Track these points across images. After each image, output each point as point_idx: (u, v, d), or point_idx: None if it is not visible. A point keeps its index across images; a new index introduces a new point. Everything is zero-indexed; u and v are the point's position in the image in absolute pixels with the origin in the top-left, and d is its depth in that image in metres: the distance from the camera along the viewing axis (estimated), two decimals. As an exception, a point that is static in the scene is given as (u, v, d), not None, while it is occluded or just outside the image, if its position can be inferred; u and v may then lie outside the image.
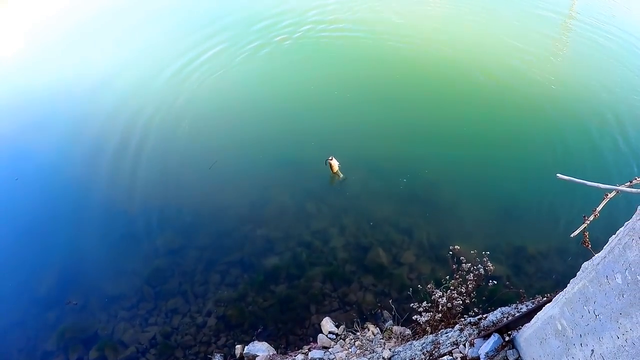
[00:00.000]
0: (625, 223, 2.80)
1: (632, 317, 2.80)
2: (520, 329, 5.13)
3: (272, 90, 14.96)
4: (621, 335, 2.96)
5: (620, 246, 2.78)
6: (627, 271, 2.74)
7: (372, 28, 18.22)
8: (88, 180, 11.93)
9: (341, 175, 11.63)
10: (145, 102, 14.36)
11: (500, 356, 5.25)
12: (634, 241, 2.64)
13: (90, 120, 13.72)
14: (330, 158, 11.30)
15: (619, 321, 2.94)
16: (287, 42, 17.34)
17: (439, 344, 6.48)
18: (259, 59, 16.40)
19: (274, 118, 13.70)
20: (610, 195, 3.68)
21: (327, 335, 8.65)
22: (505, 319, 6.10)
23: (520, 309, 6.49)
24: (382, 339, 8.12)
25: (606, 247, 2.99)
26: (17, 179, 11.87)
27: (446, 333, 6.73)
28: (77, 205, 11.37)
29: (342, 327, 8.85)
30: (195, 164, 12.27)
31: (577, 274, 3.43)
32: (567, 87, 15.09)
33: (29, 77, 16.01)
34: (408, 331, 8.08)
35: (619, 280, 2.85)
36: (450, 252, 8.15)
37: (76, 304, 9.55)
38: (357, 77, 15.47)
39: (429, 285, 7.85)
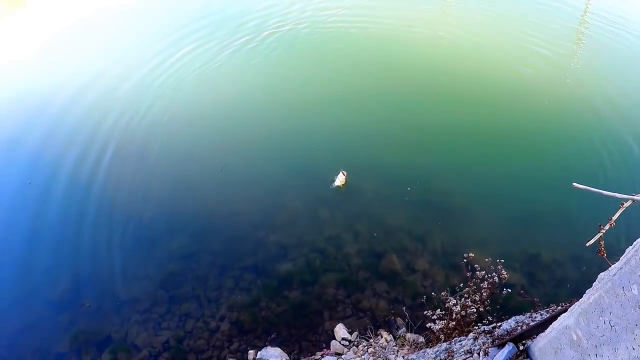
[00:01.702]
0: (642, 234, 2.79)
1: (648, 329, 2.78)
2: (534, 338, 5.09)
3: (279, 93, 15.05)
4: (637, 346, 2.94)
5: (637, 257, 2.76)
6: (643, 282, 2.73)
7: (379, 25, 18.26)
8: (102, 184, 12.00)
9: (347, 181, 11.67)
10: (154, 105, 14.46)
11: (514, 365, 5.22)
12: (651, 252, 2.63)
13: (102, 124, 13.79)
14: (343, 181, 11.46)
15: (635, 332, 2.92)
16: (288, 41, 17.52)
17: (453, 352, 6.46)
18: (263, 61, 16.55)
19: (283, 122, 13.78)
20: (626, 205, 3.67)
21: (340, 342, 8.66)
22: (519, 327, 6.06)
23: (535, 317, 6.44)
24: (396, 346, 8.11)
25: (623, 258, 2.98)
26: (29, 183, 11.97)
27: (460, 341, 6.70)
28: (91, 208, 11.43)
29: (355, 333, 8.85)
30: (208, 168, 12.31)
31: (593, 284, 3.41)
32: (587, 90, 15.01)
33: (38, 78, 16.07)
34: (421, 339, 8.06)
35: (636, 292, 2.83)
36: (464, 260, 8.12)
37: (89, 306, 9.62)
38: (365, 78, 15.53)
39: (442, 293, 7.81)
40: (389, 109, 14.12)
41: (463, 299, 7.54)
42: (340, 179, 11.47)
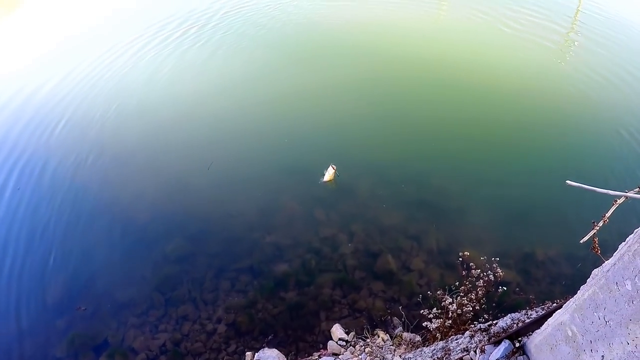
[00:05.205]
0: (635, 230, 2.82)
1: (642, 324, 2.81)
2: (530, 335, 5.12)
3: (272, 92, 15.12)
4: (631, 341, 2.97)
5: (630, 253, 2.80)
6: (636, 278, 2.76)
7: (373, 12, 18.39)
8: (97, 187, 11.99)
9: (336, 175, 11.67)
10: (151, 104, 14.56)
11: (510, 362, 5.25)
12: (643, 248, 2.66)
13: (94, 125, 13.84)
14: (331, 175, 11.46)
15: (629, 327, 2.95)
16: (277, 29, 17.86)
17: (450, 350, 6.48)
18: (251, 52, 16.96)
19: (279, 123, 13.84)
20: (620, 202, 3.69)
21: (337, 342, 8.67)
22: (515, 325, 6.09)
23: (530, 315, 6.48)
24: (392, 345, 8.13)
25: (616, 254, 3.01)
26: (19, 189, 11.91)
27: (456, 339, 6.73)
28: (86, 211, 11.41)
29: (352, 333, 8.86)
30: (202, 170, 12.30)
31: (587, 280, 3.45)
32: (583, 89, 15.06)
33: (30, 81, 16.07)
34: (418, 338, 8.08)
35: (629, 287, 2.86)
36: (460, 259, 8.16)
37: (85, 309, 9.59)
38: (360, 76, 15.63)
39: (438, 292, 7.85)
40: (383, 107, 14.17)
41: (459, 297, 7.58)
42: (329, 173, 11.45)
